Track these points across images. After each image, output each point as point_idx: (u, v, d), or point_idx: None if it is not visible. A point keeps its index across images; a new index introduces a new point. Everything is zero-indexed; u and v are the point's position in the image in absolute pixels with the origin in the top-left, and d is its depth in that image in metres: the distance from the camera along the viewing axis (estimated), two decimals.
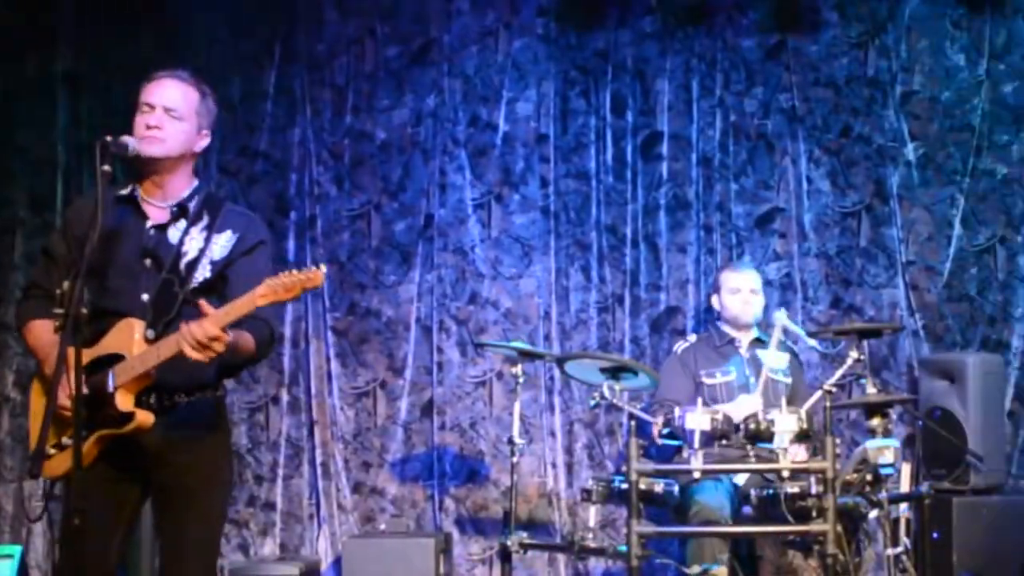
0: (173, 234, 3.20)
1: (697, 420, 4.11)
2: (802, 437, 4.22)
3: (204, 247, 3.19)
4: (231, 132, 5.57)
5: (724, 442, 4.26)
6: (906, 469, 4.89)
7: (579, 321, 5.58)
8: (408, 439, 5.55)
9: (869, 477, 4.29)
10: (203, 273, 3.18)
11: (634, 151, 5.59)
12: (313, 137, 5.60)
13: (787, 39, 5.58)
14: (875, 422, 4.34)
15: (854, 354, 4.32)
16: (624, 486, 4.23)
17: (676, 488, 4.45)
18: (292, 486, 5.54)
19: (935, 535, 5.06)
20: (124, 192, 3.23)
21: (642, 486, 4.12)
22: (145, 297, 3.13)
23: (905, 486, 4.81)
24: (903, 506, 4.65)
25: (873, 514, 4.27)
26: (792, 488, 4.20)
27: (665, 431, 4.50)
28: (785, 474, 4.14)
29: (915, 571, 4.41)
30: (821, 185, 5.59)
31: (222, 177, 5.57)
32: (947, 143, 5.59)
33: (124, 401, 3.05)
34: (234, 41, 5.59)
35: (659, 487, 4.45)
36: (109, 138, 2.95)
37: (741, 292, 4.93)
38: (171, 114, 3.17)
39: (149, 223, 3.21)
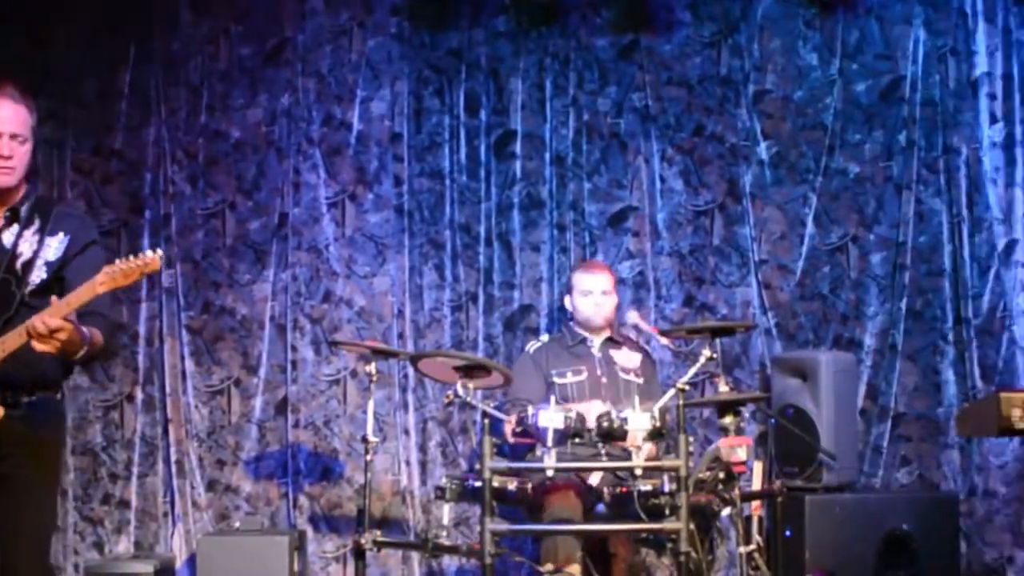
0: (7, 238, 3.31)
1: (550, 418, 4.13)
2: (655, 435, 4.23)
3: (38, 249, 3.30)
4: (86, 131, 5.59)
5: (577, 440, 4.28)
6: (759, 467, 4.90)
7: (433, 319, 5.60)
8: (262, 437, 5.57)
9: (722, 475, 4.31)
10: (39, 275, 3.28)
11: (487, 150, 5.61)
12: (168, 136, 5.59)
13: (640, 38, 5.60)
14: (728, 420, 4.37)
15: (707, 352, 4.34)
16: (477, 484, 4.25)
17: (529, 486, 4.44)
18: (147, 484, 5.55)
19: (788, 533, 5.11)
20: None
21: (496, 484, 4.11)
22: None
23: (758, 484, 4.83)
24: (756, 504, 4.68)
25: (726, 512, 4.29)
26: (645, 486, 4.22)
27: (518, 429, 4.52)
28: (638, 472, 4.17)
29: (768, 569, 4.43)
30: (674, 184, 5.61)
31: (76, 176, 5.57)
32: (800, 142, 5.62)
33: None
34: (90, 41, 5.58)
35: (512, 485, 4.45)
36: None
37: (593, 294, 4.95)
38: (17, 139, 3.28)
39: None
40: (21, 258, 3.28)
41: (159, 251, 3.08)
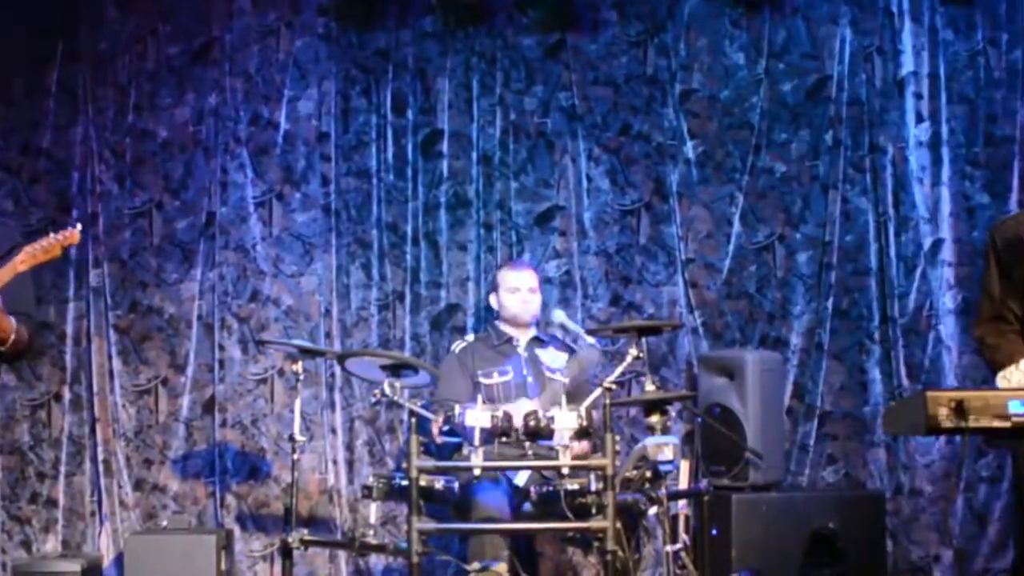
0: None
1: (477, 417, 4.12)
2: (582, 434, 4.24)
3: None
4: (14, 129, 5.59)
5: (504, 439, 4.28)
6: (685, 466, 4.91)
7: (360, 319, 5.61)
8: (190, 436, 5.57)
9: (648, 474, 4.33)
10: None
11: (414, 149, 5.62)
12: (95, 135, 5.60)
13: (567, 38, 5.61)
14: (654, 419, 4.38)
15: (633, 351, 4.34)
16: (404, 483, 4.27)
17: (456, 485, 4.46)
18: (74, 483, 5.55)
19: (714, 532, 5.11)
20: None
21: (422, 483, 4.13)
22: None
23: (684, 483, 4.84)
24: (682, 503, 4.69)
25: (652, 511, 4.30)
26: (572, 485, 4.23)
27: (445, 428, 4.53)
28: (565, 471, 4.19)
29: (694, 567, 4.43)
30: (601, 183, 5.62)
31: (4, 175, 5.57)
32: (726, 141, 5.63)
33: None
34: (17, 39, 5.58)
35: (439, 484, 4.46)
36: None
37: (520, 291, 4.95)
38: None
39: None
40: None
41: (78, 225, 3.23)
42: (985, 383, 5.06)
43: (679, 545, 4.37)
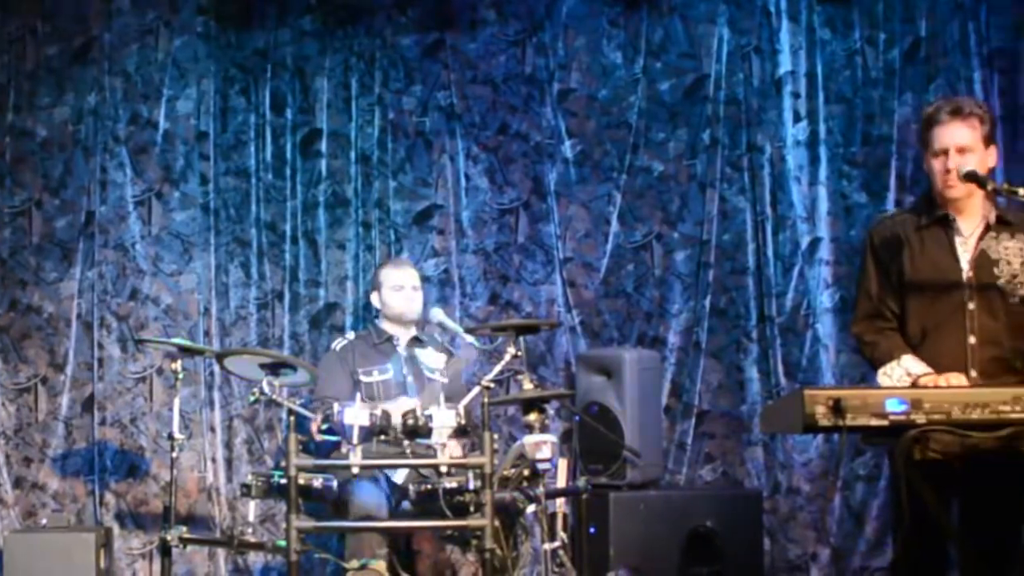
0: None
1: (355, 415, 4.12)
2: (460, 433, 4.26)
3: None
4: None
5: (383, 438, 4.29)
6: (563, 464, 4.93)
7: (239, 317, 5.62)
8: (69, 434, 5.57)
9: (527, 472, 4.34)
10: None
11: (293, 148, 5.63)
12: None
13: (445, 37, 5.62)
14: (532, 417, 4.39)
15: (511, 350, 4.36)
16: (283, 481, 4.24)
17: (335, 483, 4.45)
18: None
19: (592, 530, 5.12)
20: None
21: (301, 481, 4.12)
22: None
23: (562, 481, 4.85)
24: (560, 501, 4.70)
25: (531, 509, 4.30)
26: (450, 483, 4.23)
27: (324, 427, 4.53)
28: (443, 469, 4.19)
29: (572, 565, 4.45)
30: (479, 182, 5.64)
31: None
32: (604, 140, 5.65)
33: None
34: None
35: (318, 482, 4.45)
36: None
37: (404, 289, 4.96)
38: None
39: None
40: None
41: None
42: (863, 381, 5.10)
43: (557, 543, 4.38)
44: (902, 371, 3.69)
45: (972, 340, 3.36)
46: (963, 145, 3.32)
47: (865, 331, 3.59)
